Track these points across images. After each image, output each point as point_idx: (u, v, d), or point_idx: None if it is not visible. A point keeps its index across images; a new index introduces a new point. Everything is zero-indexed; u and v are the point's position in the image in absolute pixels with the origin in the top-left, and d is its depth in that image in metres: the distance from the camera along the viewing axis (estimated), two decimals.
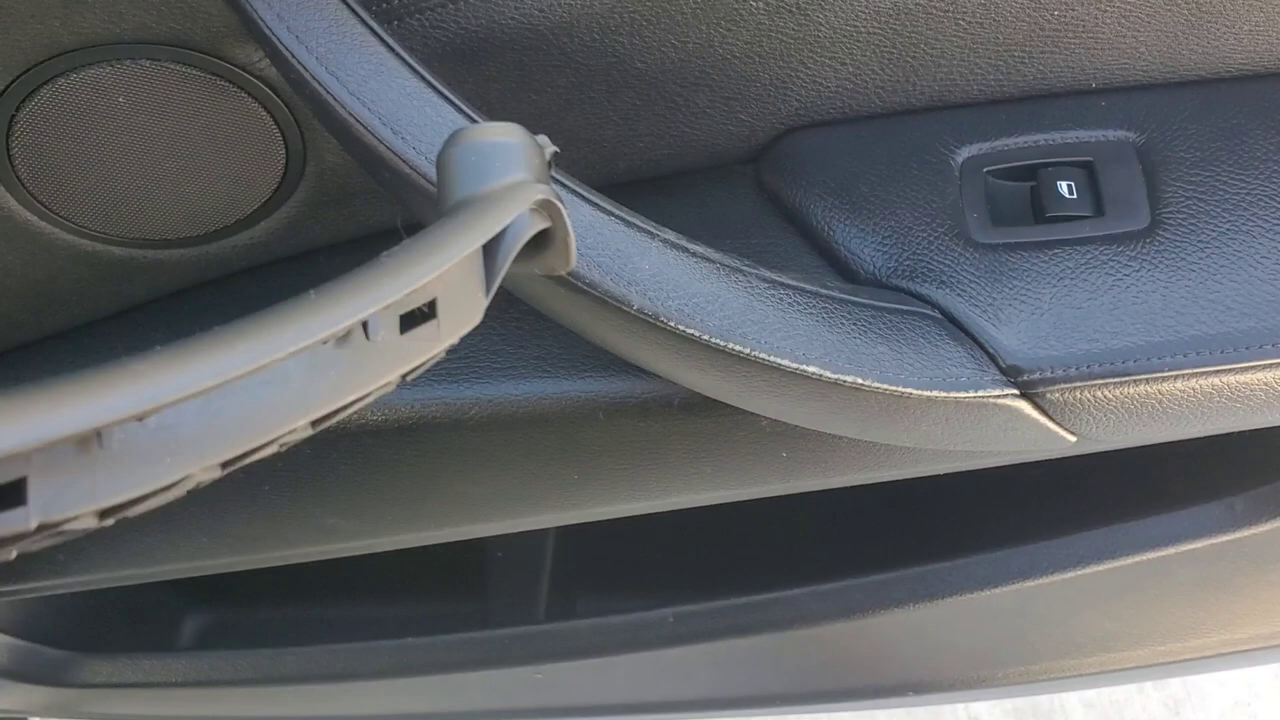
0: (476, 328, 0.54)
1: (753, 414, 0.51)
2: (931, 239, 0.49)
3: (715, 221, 0.52)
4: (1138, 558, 0.65)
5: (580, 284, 0.42)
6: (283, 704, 0.81)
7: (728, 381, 0.46)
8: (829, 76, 0.50)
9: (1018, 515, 0.72)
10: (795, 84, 0.51)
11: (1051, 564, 0.68)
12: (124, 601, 0.85)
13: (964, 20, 0.48)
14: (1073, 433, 0.49)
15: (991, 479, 0.66)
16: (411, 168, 0.42)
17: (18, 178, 0.50)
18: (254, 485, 0.57)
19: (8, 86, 0.47)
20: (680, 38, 0.49)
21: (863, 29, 0.49)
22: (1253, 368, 0.46)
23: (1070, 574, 0.68)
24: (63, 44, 0.45)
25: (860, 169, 0.51)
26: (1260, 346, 0.45)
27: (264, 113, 0.49)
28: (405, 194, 0.44)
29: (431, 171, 0.42)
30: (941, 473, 0.56)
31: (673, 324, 0.43)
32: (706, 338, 0.43)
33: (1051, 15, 0.48)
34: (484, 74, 0.49)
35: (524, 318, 0.53)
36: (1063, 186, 0.49)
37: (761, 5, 0.48)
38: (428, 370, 0.53)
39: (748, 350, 0.44)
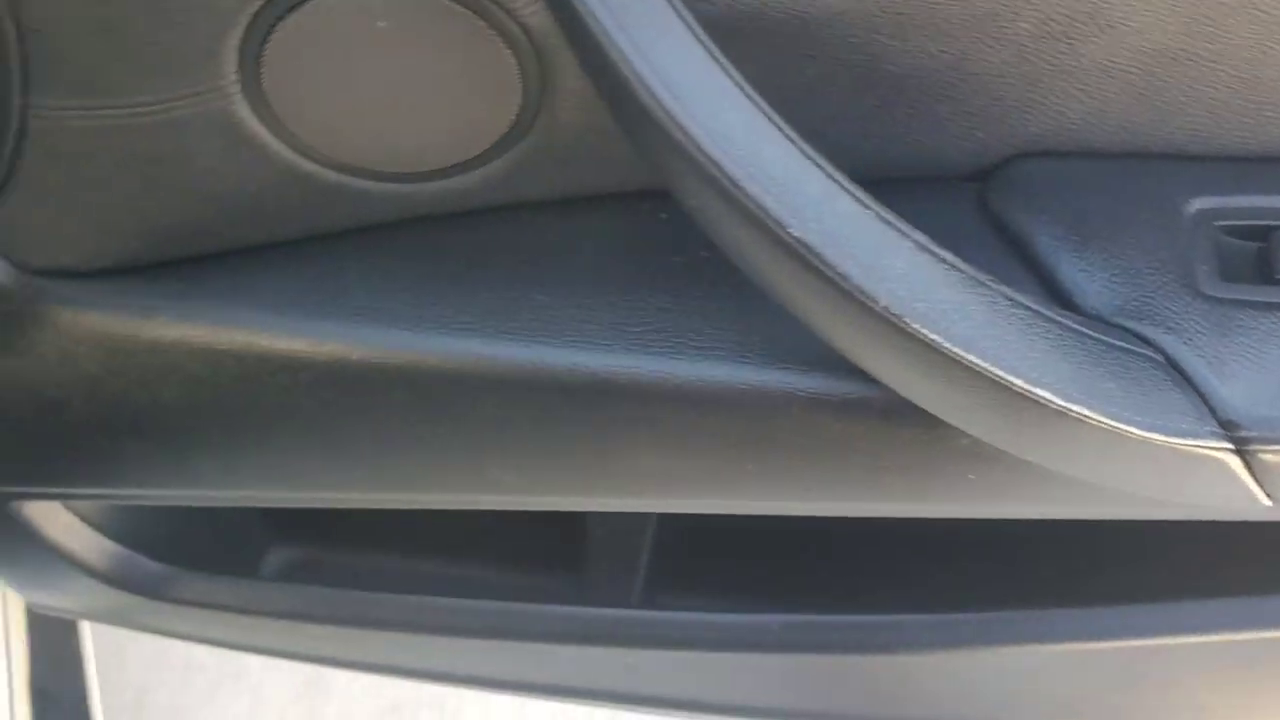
0: (674, 302, 0.54)
1: (953, 431, 0.51)
2: (1160, 284, 0.49)
3: (934, 233, 0.52)
4: (1261, 634, 0.65)
5: (831, 273, 0.43)
6: (367, 649, 0.81)
7: (951, 393, 0.46)
8: (1075, 108, 0.51)
9: (1148, 571, 0.72)
10: (1040, 110, 0.51)
11: (1169, 627, 0.68)
12: (216, 524, 0.85)
13: (1226, 72, 0.48)
14: (1270, 497, 0.49)
15: (1126, 529, 0.67)
16: (686, 135, 0.42)
17: (261, 90, 0.50)
18: (428, 426, 0.57)
19: None
20: (940, 46, 0.49)
21: (1120, 65, 0.49)
22: None
23: (1186, 639, 0.68)
24: None
25: (1092, 205, 0.51)
26: None
27: (513, 60, 0.50)
28: (668, 158, 0.44)
29: (705, 140, 0.42)
30: (1116, 518, 0.56)
31: (917, 326, 0.43)
32: (947, 345, 0.43)
33: None
34: (737, 53, 0.49)
35: (727, 299, 0.53)
36: None
37: (1029, 27, 0.48)
38: (626, 336, 0.54)
39: (985, 364, 0.44)
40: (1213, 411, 0.47)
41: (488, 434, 0.57)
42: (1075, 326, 0.46)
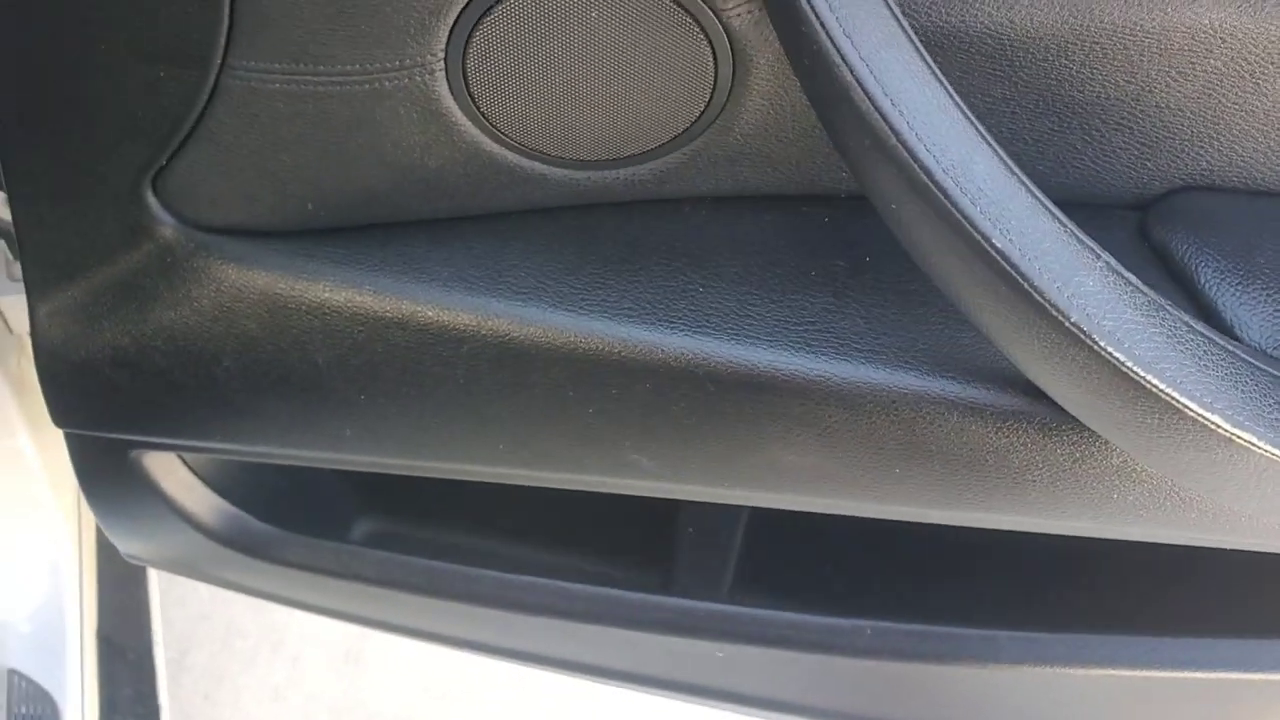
0: (838, 304, 0.56)
1: (1106, 448, 0.52)
2: None
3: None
4: None
5: (1026, 285, 0.44)
6: (455, 623, 0.82)
7: (1123, 411, 0.47)
8: (1248, 146, 0.52)
9: (1223, 605, 0.73)
10: (1215, 145, 0.52)
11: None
12: (314, 489, 0.86)
13: None
14: None
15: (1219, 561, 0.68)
16: (901, 141, 0.44)
17: (464, 69, 0.52)
18: (580, 406, 0.58)
19: None
20: (1127, 76, 0.50)
21: None
22: None
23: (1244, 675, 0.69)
24: None
25: (1258, 241, 0.52)
26: None
27: (710, 59, 0.51)
28: (874, 164, 0.45)
29: (919, 149, 0.44)
30: (1251, 549, 0.57)
31: (1102, 344, 0.44)
32: (1130, 365, 0.45)
33: None
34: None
35: (890, 305, 0.55)
36: None
37: (1219, 64, 0.49)
38: (789, 334, 0.55)
39: (1164, 386, 0.45)
40: None
41: (636, 418, 0.58)
42: (1246, 357, 0.48)
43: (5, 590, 0.97)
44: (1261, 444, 0.46)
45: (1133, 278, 0.46)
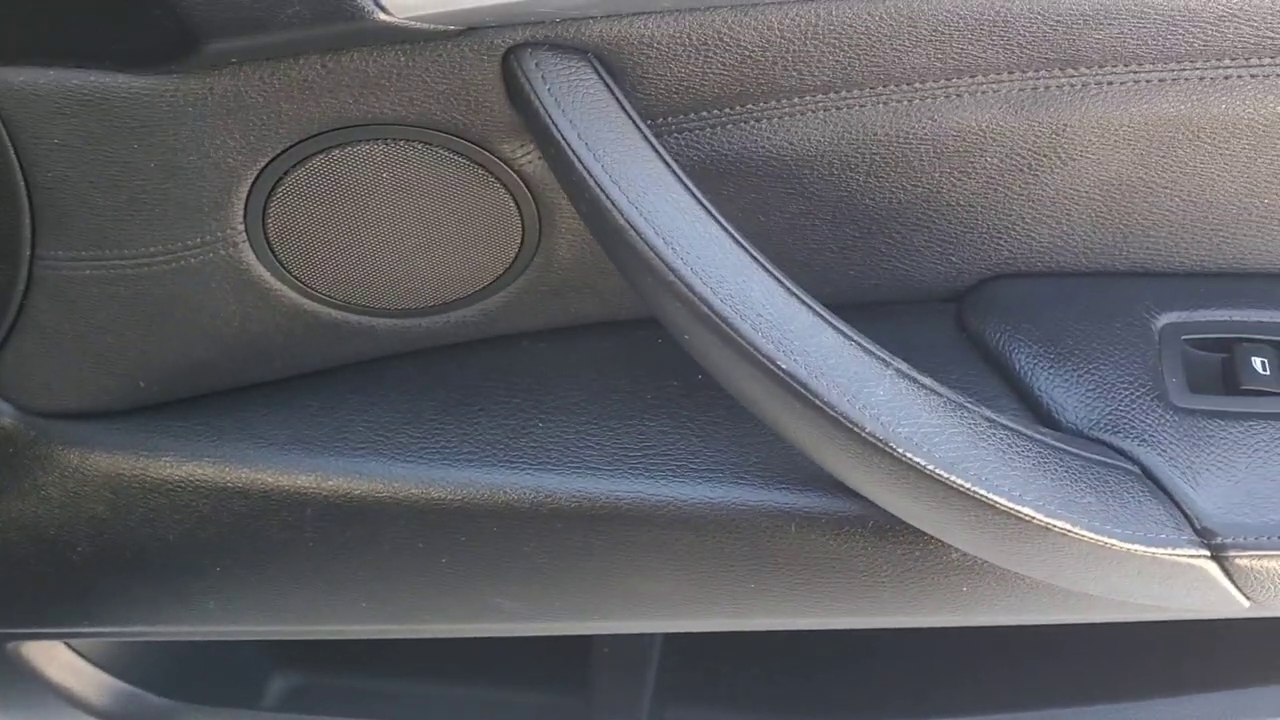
0: (673, 425, 0.56)
1: (943, 545, 0.52)
2: (1133, 398, 0.51)
3: (915, 354, 0.55)
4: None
5: (818, 401, 0.45)
6: None
7: (937, 512, 0.48)
8: (1043, 232, 0.53)
9: (1158, 668, 0.73)
10: (1010, 235, 0.53)
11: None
12: (218, 656, 0.85)
13: (1180, 198, 0.51)
14: (1249, 598, 0.50)
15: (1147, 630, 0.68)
16: (678, 277, 0.45)
17: (267, 238, 0.52)
18: (431, 557, 0.58)
19: (287, 150, 0.49)
20: (912, 181, 0.52)
21: (1083, 193, 0.52)
22: None
23: None
24: (352, 119, 0.48)
25: (1065, 322, 0.53)
26: None
27: (512, 204, 0.52)
28: (661, 300, 0.46)
29: (696, 282, 0.44)
30: (1111, 620, 0.57)
31: (901, 451, 0.45)
32: (932, 468, 0.45)
33: (1261, 203, 0.51)
34: (724, 193, 0.52)
35: (723, 422, 0.55)
36: (1256, 362, 0.52)
37: (995, 161, 0.51)
38: (627, 461, 0.55)
39: (968, 485, 0.45)
40: (1189, 521, 0.48)
41: (491, 562, 0.58)
42: (1054, 444, 0.48)
43: None
44: (1077, 530, 0.46)
45: (928, 380, 0.47)
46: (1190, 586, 0.49)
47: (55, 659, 0.74)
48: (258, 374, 0.59)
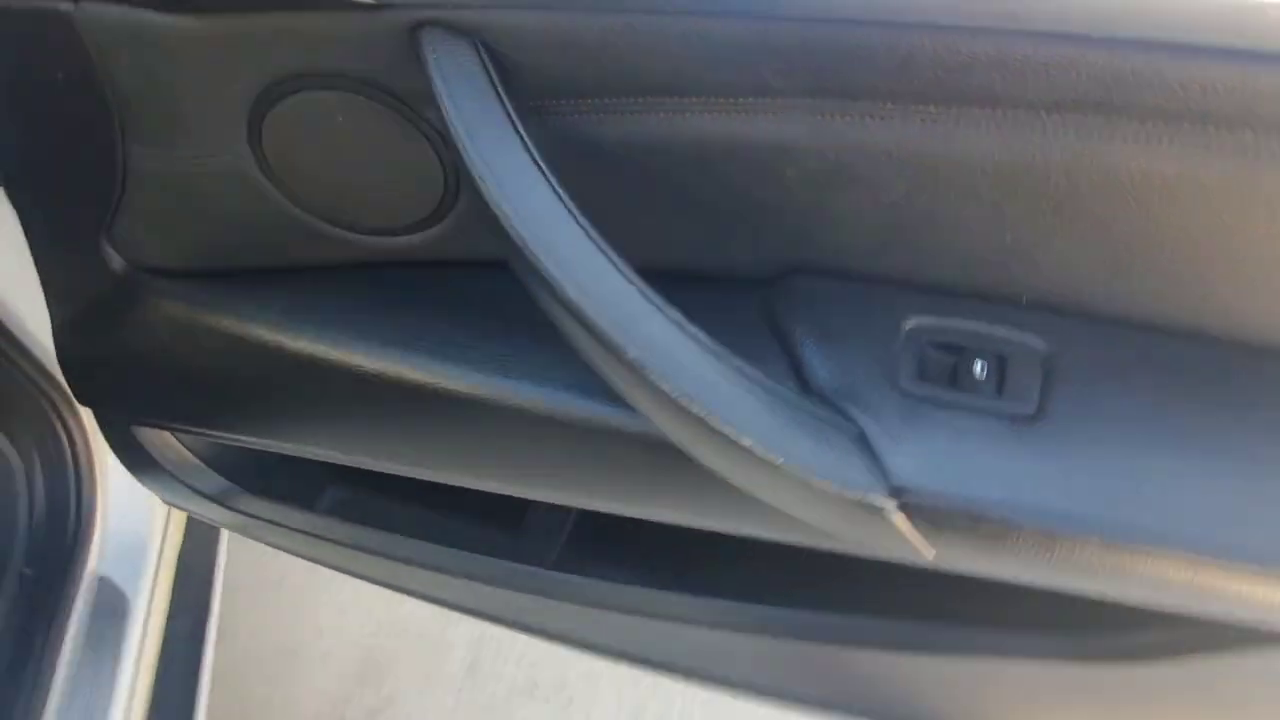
0: (533, 342, 0.56)
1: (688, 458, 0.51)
2: (870, 376, 0.49)
3: (728, 322, 0.53)
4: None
5: (591, 327, 0.44)
6: (376, 569, 0.84)
7: (681, 432, 0.47)
8: (832, 241, 0.51)
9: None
10: (807, 240, 0.52)
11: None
12: (287, 465, 0.90)
13: (940, 225, 0.49)
14: (931, 549, 0.48)
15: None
16: (514, 231, 0.45)
17: (264, 157, 0.55)
18: (410, 415, 0.60)
19: (266, 89, 0.51)
20: (732, 182, 0.50)
21: (865, 211, 0.49)
22: (1073, 543, 0.45)
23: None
24: (309, 70, 0.50)
25: (837, 313, 0.52)
26: (1083, 529, 0.44)
27: (434, 154, 0.52)
28: (514, 259, 0.46)
29: (538, 251, 0.44)
30: (825, 547, 0.56)
31: (653, 378, 0.44)
32: (675, 395, 0.45)
33: (1005, 240, 0.48)
34: (586, 173, 0.51)
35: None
36: (978, 366, 0.49)
37: (794, 175, 0.48)
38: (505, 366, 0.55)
39: (704, 414, 0.45)
40: (885, 475, 0.47)
41: (445, 431, 0.60)
42: (788, 396, 0.47)
43: (114, 518, 1.02)
44: (788, 465, 0.45)
45: (695, 329, 0.45)
46: (882, 531, 0.48)
47: (164, 443, 0.80)
48: (272, 259, 0.62)
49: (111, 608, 0.99)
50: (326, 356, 0.60)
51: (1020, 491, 0.45)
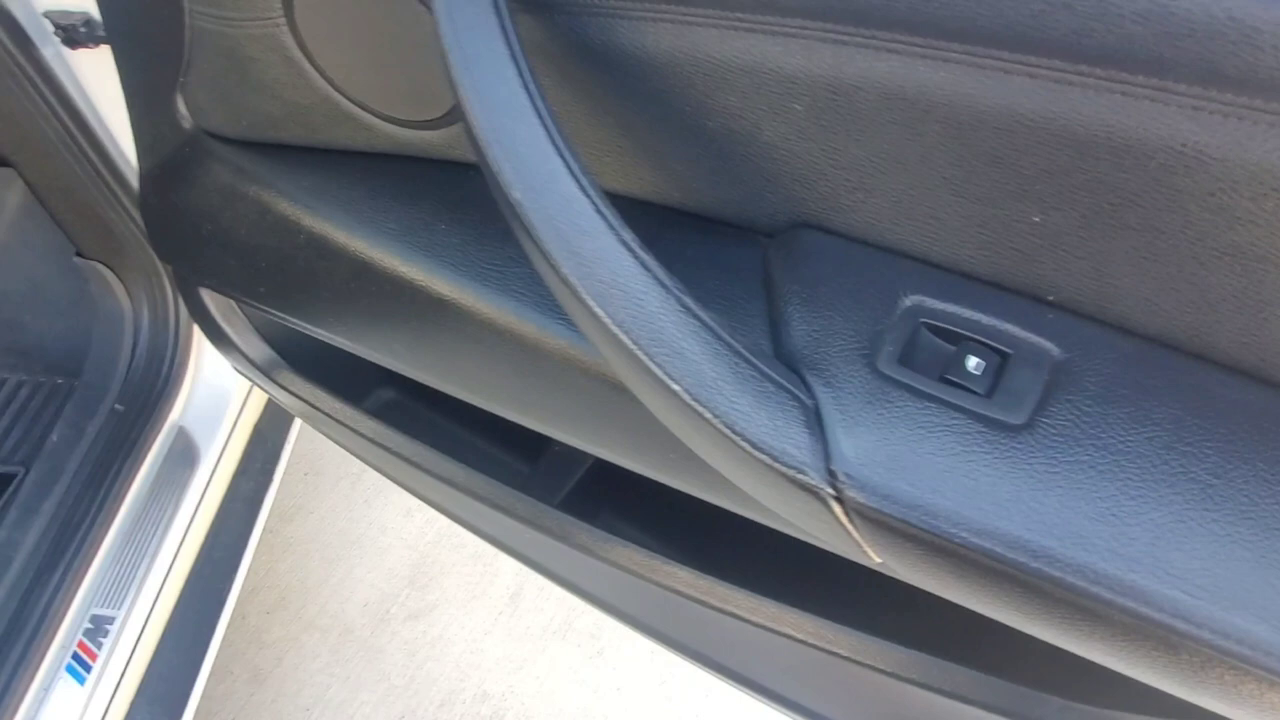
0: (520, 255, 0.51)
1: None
2: (844, 349, 0.42)
3: (724, 264, 0.48)
4: None
5: (530, 231, 0.39)
6: (406, 476, 0.83)
7: (617, 364, 0.42)
8: (843, 195, 0.44)
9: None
10: (814, 187, 0.45)
11: None
12: (344, 358, 0.90)
13: (961, 191, 0.40)
14: (875, 554, 0.41)
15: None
16: (480, 140, 0.40)
17: (297, 30, 0.53)
18: (423, 321, 0.58)
19: None
20: (739, 109, 0.44)
21: (883, 166, 0.42)
22: (1035, 577, 0.36)
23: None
24: None
25: (831, 275, 0.44)
26: (1037, 563, 0.35)
27: None
28: (472, 145, 0.42)
29: (489, 140, 0.40)
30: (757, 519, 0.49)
31: (586, 300, 0.39)
32: (608, 323, 0.39)
33: (1029, 223, 0.40)
34: (587, 78, 0.46)
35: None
36: (972, 361, 0.41)
37: (802, 109, 0.42)
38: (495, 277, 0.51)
39: (636, 349, 0.39)
40: (826, 457, 0.39)
41: (456, 348, 0.57)
42: (744, 354, 0.40)
43: (202, 376, 1.07)
44: (715, 420, 0.39)
45: (666, 277, 0.39)
46: (814, 516, 0.41)
47: (227, 308, 0.81)
48: (306, 135, 0.60)
49: (184, 456, 1.04)
50: (333, 238, 0.58)
51: (974, 506, 0.37)
